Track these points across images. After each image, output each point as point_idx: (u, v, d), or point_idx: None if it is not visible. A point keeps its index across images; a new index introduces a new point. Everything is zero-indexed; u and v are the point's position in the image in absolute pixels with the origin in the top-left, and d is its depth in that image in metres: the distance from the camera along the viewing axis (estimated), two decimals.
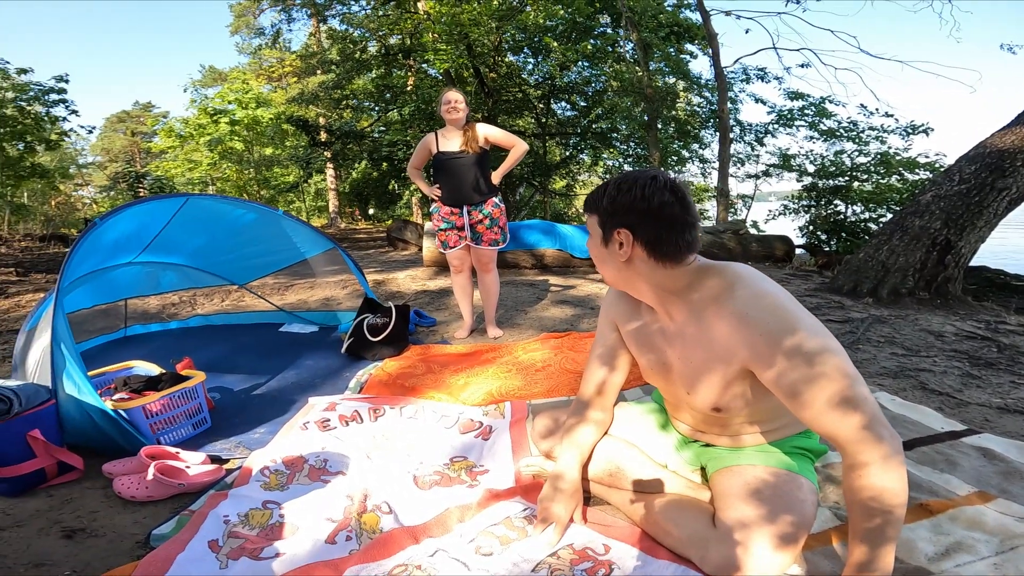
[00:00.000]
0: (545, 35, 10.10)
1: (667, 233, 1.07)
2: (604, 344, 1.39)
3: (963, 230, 3.80)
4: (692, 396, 1.17)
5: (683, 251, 1.08)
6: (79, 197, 20.44)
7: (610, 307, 1.37)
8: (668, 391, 1.28)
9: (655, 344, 1.22)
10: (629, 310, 1.29)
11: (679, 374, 1.18)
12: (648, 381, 1.32)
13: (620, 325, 1.33)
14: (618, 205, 1.08)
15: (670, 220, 1.06)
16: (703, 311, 1.08)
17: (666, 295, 1.13)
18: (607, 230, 1.11)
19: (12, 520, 1.39)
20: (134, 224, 2.63)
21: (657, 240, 1.07)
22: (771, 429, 1.20)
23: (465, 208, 2.93)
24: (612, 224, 1.10)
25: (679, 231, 1.07)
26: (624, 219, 1.08)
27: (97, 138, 29.07)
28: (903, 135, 8.93)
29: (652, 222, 1.06)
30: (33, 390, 1.64)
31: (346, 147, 12.22)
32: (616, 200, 1.08)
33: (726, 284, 1.05)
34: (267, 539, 1.24)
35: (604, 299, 1.42)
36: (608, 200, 1.10)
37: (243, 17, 18.82)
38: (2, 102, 9.66)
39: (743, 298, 1.02)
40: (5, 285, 5.08)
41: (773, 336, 0.98)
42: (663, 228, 1.06)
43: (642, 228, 1.07)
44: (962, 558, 1.11)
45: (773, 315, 0.99)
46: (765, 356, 0.99)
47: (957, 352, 2.66)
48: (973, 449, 1.60)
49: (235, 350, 3.10)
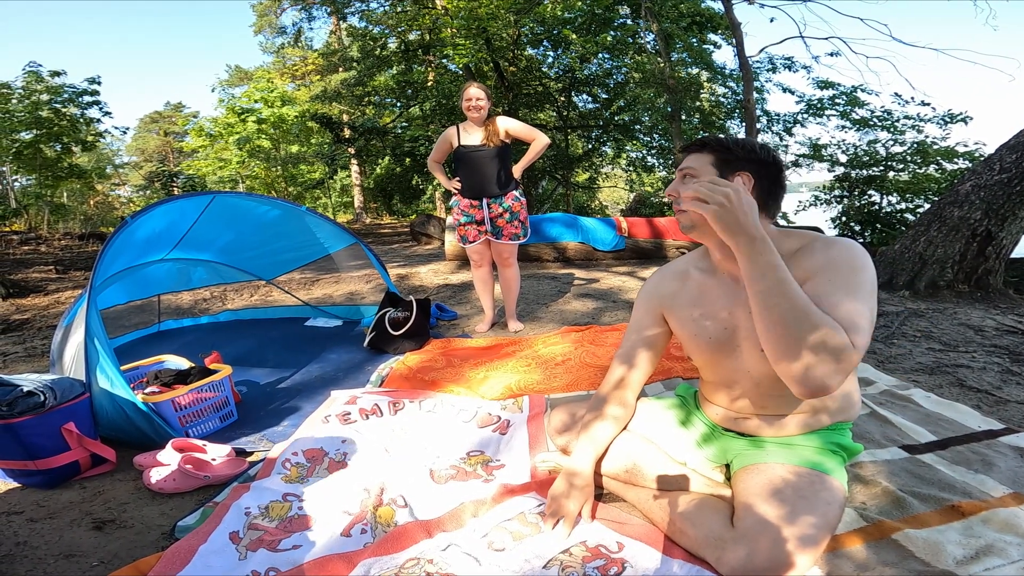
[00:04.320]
0: (564, 27, 10.01)
1: (778, 190, 1.19)
2: (638, 334, 1.37)
3: (1004, 220, 3.64)
4: (758, 360, 1.16)
5: (777, 212, 1.22)
6: (116, 196, 21.15)
7: (653, 291, 1.37)
8: (723, 365, 1.24)
9: (718, 307, 1.22)
10: (677, 286, 1.31)
11: (747, 334, 1.17)
12: (698, 360, 1.30)
13: (668, 305, 1.32)
14: (748, 151, 1.17)
15: (781, 182, 1.20)
16: (790, 261, 1.11)
17: None
18: (728, 170, 1.16)
19: (45, 512, 1.45)
20: (164, 222, 2.71)
21: (770, 192, 1.18)
22: (823, 408, 1.20)
23: (485, 201, 2.93)
24: (737, 166, 1.16)
25: (782, 194, 1.21)
26: (750, 165, 1.16)
27: (132, 138, 30.02)
28: (940, 124, 8.57)
29: (772, 176, 1.18)
30: (68, 384, 1.70)
31: (369, 143, 12.36)
32: (750, 151, 1.17)
33: (815, 236, 1.15)
34: (285, 531, 1.27)
35: (643, 288, 1.41)
36: (737, 145, 1.17)
37: (265, 17, 19.11)
38: (38, 104, 10.02)
39: (832, 243, 1.11)
40: (45, 282, 5.30)
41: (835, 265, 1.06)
42: (777, 185, 1.19)
43: (763, 178, 1.17)
44: (992, 561, 1.06)
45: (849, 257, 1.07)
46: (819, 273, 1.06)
47: (997, 347, 2.55)
48: (1011, 449, 1.53)
49: (262, 344, 3.17)
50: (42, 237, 8.31)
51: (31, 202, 11.32)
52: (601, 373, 2.30)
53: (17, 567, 1.22)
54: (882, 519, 1.21)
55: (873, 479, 1.40)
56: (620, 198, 19.30)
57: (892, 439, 1.63)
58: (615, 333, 2.92)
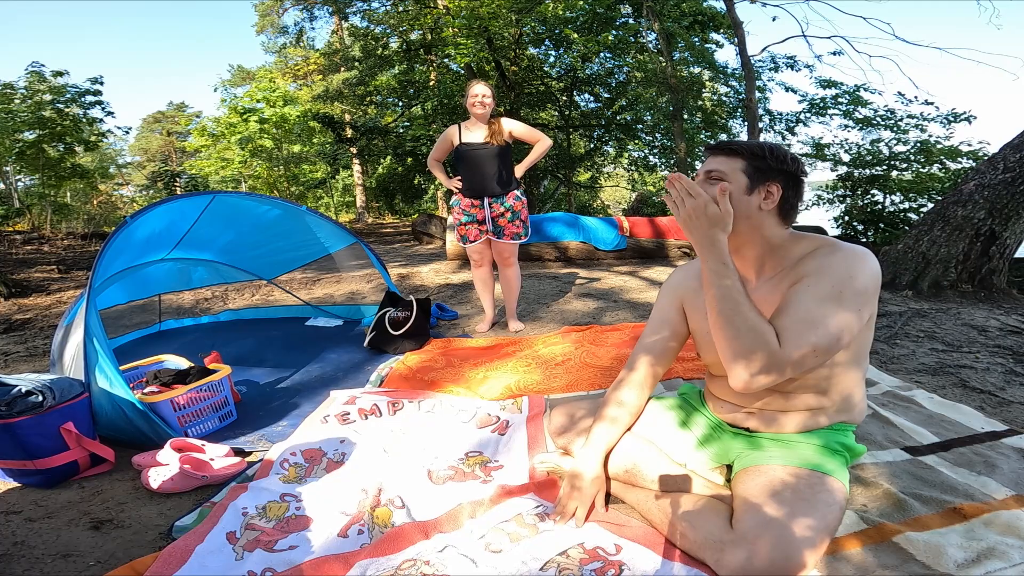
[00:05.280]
0: (565, 27, 10.00)
1: (798, 198, 1.23)
2: (661, 326, 1.40)
3: (1008, 220, 3.62)
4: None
5: (795, 218, 1.25)
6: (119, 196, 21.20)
7: (676, 284, 1.40)
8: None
9: None
10: (697, 284, 1.34)
11: None
12: (708, 359, 1.33)
13: (688, 300, 1.36)
14: (781, 162, 1.18)
15: (802, 192, 1.24)
16: (795, 268, 1.16)
17: (768, 250, 1.22)
18: (759, 179, 1.18)
19: (44, 511, 1.45)
20: (164, 222, 2.71)
21: (794, 201, 1.21)
22: (821, 409, 1.21)
23: (486, 200, 2.92)
24: (769, 175, 1.18)
25: (802, 199, 1.24)
26: (781, 176, 1.19)
27: (135, 138, 30.06)
28: (944, 123, 8.54)
29: (797, 185, 1.21)
30: (67, 384, 1.70)
31: (371, 143, 12.37)
32: (783, 161, 1.18)
33: (824, 242, 1.18)
34: (282, 531, 1.26)
35: (667, 282, 1.45)
36: (772, 154, 1.18)
37: (267, 16, 19.14)
38: (41, 104, 10.05)
39: (836, 250, 1.13)
40: (47, 282, 5.31)
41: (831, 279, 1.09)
42: (799, 195, 1.23)
43: (789, 188, 1.20)
44: (993, 565, 1.05)
45: (845, 266, 1.10)
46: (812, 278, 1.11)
47: (1001, 348, 2.53)
48: (1014, 451, 1.52)
49: (263, 344, 3.17)
50: (45, 237, 8.33)
51: (34, 202, 11.36)
52: (601, 373, 2.29)
53: (14, 567, 1.21)
54: (883, 521, 1.20)
55: (874, 481, 1.39)
56: (622, 197, 19.29)
57: (894, 440, 1.62)
58: (616, 333, 2.91)
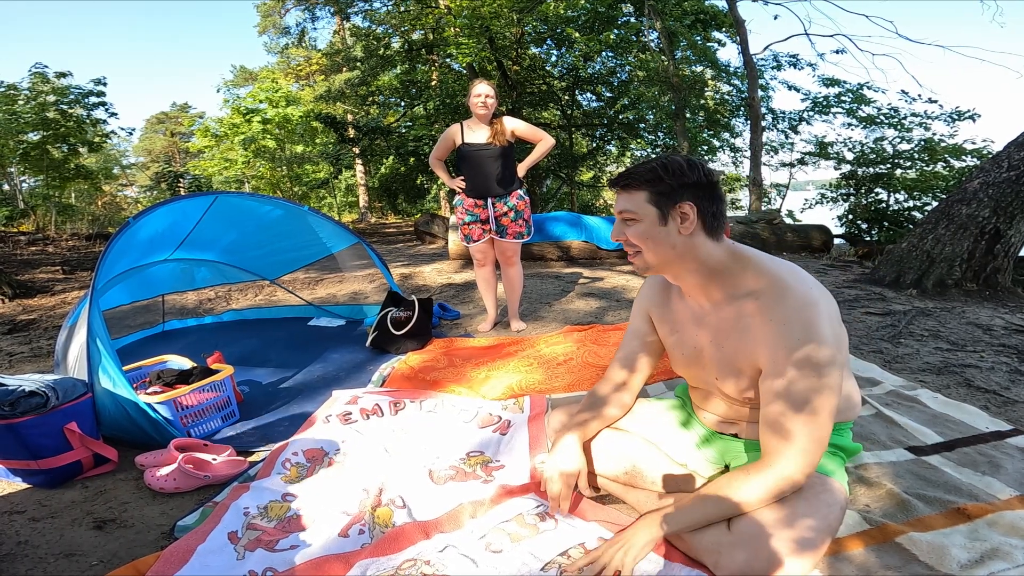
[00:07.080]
0: (567, 26, 9.99)
1: (720, 207, 1.13)
2: (634, 338, 1.40)
3: (1013, 218, 3.61)
4: (721, 382, 1.17)
5: (723, 227, 1.16)
6: (124, 197, 21.25)
7: (644, 297, 1.39)
8: (698, 378, 1.28)
9: (687, 329, 1.24)
10: (663, 298, 1.32)
11: (710, 358, 1.19)
12: (677, 371, 1.32)
13: (653, 313, 1.35)
14: (685, 180, 1.10)
15: (721, 195, 1.14)
16: (743, 301, 1.11)
17: (709, 274, 1.14)
18: (668, 205, 1.11)
19: (47, 511, 1.46)
20: (167, 222, 2.71)
21: (715, 214, 1.12)
22: None
23: (489, 200, 2.92)
24: (676, 198, 1.10)
25: (724, 206, 1.15)
26: (688, 192, 1.10)
27: (138, 139, 30.18)
28: (948, 121, 8.51)
29: (711, 196, 1.12)
30: (71, 384, 1.71)
31: (373, 143, 12.37)
32: (682, 176, 1.10)
33: (772, 283, 1.08)
34: (283, 531, 1.27)
35: (639, 293, 1.43)
36: (672, 176, 1.10)
37: (269, 17, 19.15)
38: (44, 106, 10.09)
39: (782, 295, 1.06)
40: (52, 283, 5.33)
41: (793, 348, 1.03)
42: (718, 202, 1.13)
43: (705, 202, 1.11)
44: (997, 565, 1.05)
45: (805, 330, 1.03)
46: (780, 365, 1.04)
47: (1006, 347, 2.52)
48: (1019, 451, 1.51)
49: (265, 344, 3.18)
50: (49, 238, 8.36)
51: (38, 203, 11.40)
52: (604, 373, 2.28)
53: (18, 566, 1.22)
54: (886, 522, 1.20)
55: (878, 481, 1.38)
56: None
57: (898, 440, 1.61)
58: (618, 333, 2.90)
